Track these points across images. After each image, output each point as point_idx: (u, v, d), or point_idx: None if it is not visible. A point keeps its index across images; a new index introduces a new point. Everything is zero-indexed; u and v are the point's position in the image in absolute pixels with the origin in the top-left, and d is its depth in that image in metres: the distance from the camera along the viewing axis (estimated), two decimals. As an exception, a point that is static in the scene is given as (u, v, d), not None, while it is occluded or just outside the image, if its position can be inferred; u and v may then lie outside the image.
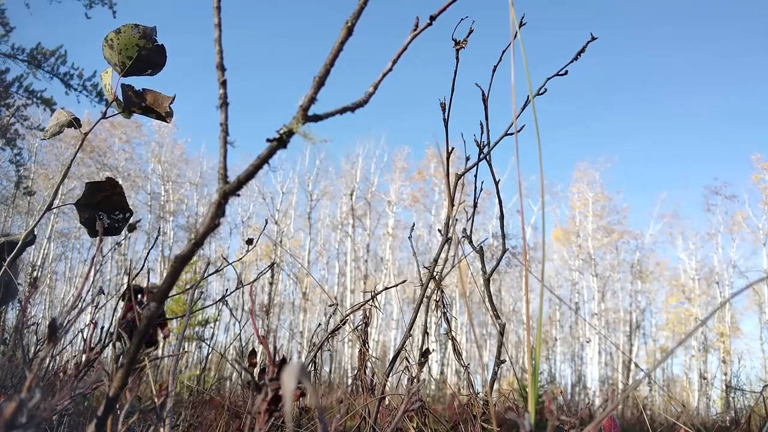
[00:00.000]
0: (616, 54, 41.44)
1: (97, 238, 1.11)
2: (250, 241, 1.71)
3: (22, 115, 8.89)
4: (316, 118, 0.51)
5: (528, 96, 1.52)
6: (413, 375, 1.58)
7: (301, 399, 1.68)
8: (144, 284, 6.05)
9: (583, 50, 1.48)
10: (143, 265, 2.15)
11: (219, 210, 0.51)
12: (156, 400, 0.83)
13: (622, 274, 27.94)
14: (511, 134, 1.58)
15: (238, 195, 0.52)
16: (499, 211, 1.68)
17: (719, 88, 41.71)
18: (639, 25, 41.40)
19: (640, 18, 41.31)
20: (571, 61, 1.50)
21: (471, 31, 1.37)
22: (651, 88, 42.15)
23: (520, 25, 1.34)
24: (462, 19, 1.31)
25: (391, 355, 1.56)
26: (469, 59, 1.59)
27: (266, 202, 27.81)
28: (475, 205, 1.71)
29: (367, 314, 1.79)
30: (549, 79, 1.52)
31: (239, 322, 3.93)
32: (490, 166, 1.64)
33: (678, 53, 41.08)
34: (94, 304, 1.30)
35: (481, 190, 1.67)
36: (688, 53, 41.54)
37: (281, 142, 0.50)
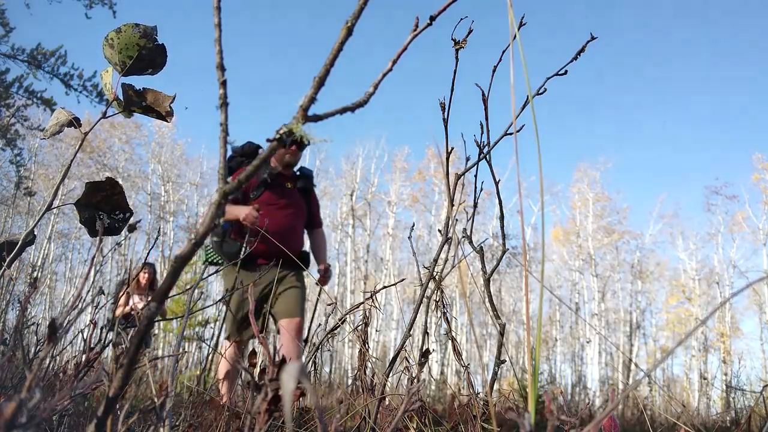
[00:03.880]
0: (616, 54, 41.45)
1: (97, 238, 1.11)
2: (250, 242, 1.71)
3: (23, 115, 8.89)
4: (316, 118, 0.51)
5: (528, 96, 1.52)
6: (413, 375, 1.58)
7: (301, 399, 1.68)
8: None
9: (582, 50, 1.48)
10: (143, 266, 2.14)
11: (219, 210, 0.51)
12: (156, 400, 0.83)
13: (622, 274, 27.92)
14: (511, 134, 1.58)
15: (238, 195, 0.52)
16: (499, 211, 1.68)
17: (719, 88, 41.72)
18: (639, 25, 41.42)
19: (640, 18, 41.32)
20: (571, 61, 1.49)
21: (470, 31, 1.37)
22: (651, 87, 42.18)
23: (520, 25, 1.34)
24: (462, 19, 1.31)
25: (391, 355, 1.56)
26: (469, 59, 1.59)
27: (266, 203, 27.74)
28: (475, 206, 1.71)
29: (367, 314, 1.79)
30: (549, 79, 1.52)
31: (239, 323, 3.92)
32: (490, 166, 1.64)
33: (678, 53, 41.10)
34: (94, 304, 1.30)
35: (481, 190, 1.66)
36: (688, 53, 41.54)
37: (281, 142, 0.50)
